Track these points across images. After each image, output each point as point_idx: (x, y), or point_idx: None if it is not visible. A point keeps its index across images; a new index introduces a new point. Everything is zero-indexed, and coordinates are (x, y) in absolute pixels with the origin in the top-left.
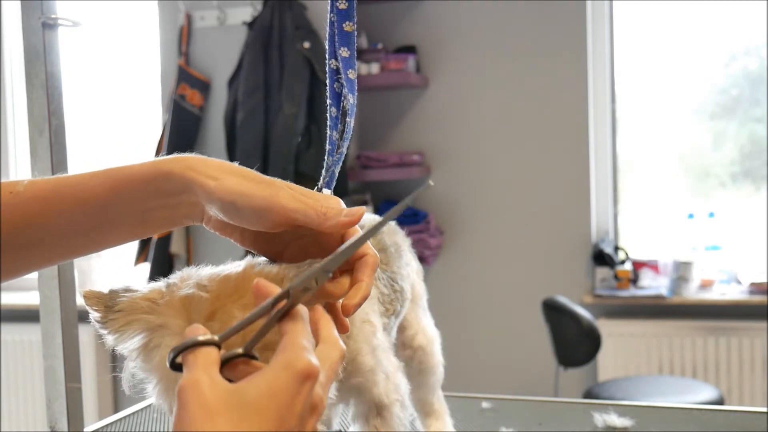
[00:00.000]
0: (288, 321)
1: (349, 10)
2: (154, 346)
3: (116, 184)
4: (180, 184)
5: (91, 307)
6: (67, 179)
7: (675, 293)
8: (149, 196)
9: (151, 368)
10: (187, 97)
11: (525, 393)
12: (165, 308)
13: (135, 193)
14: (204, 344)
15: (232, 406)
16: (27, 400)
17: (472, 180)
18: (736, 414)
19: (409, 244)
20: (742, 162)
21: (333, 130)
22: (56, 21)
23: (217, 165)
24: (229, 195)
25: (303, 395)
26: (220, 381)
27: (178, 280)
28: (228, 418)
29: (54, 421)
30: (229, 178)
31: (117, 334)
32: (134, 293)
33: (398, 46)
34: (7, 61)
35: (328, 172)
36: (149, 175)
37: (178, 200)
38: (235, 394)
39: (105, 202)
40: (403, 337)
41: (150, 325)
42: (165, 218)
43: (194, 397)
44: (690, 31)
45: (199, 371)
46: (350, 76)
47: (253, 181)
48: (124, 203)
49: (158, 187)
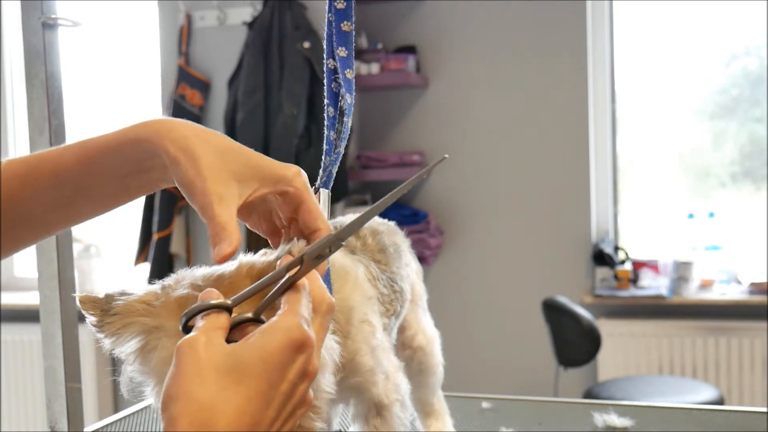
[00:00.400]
0: (291, 291)
1: (347, 9)
2: (151, 348)
3: (88, 155)
4: (148, 149)
5: (87, 311)
6: (41, 156)
7: (675, 293)
8: (121, 164)
9: (148, 370)
10: (187, 97)
11: (525, 393)
12: (161, 310)
13: (107, 163)
14: (216, 308)
15: (224, 368)
16: (27, 400)
17: (472, 180)
18: (736, 414)
19: (409, 245)
20: (742, 162)
21: (330, 129)
22: (56, 21)
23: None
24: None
25: (297, 363)
26: (218, 342)
27: (173, 281)
28: (217, 379)
29: (54, 421)
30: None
31: (114, 338)
32: (130, 296)
33: (398, 46)
34: (7, 61)
35: (326, 172)
36: (118, 143)
37: (151, 163)
38: (229, 356)
39: (79, 174)
40: (402, 338)
41: (146, 328)
42: (142, 183)
43: (189, 356)
44: (690, 31)
45: (200, 333)
46: (348, 76)
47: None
48: (97, 174)
49: (128, 154)
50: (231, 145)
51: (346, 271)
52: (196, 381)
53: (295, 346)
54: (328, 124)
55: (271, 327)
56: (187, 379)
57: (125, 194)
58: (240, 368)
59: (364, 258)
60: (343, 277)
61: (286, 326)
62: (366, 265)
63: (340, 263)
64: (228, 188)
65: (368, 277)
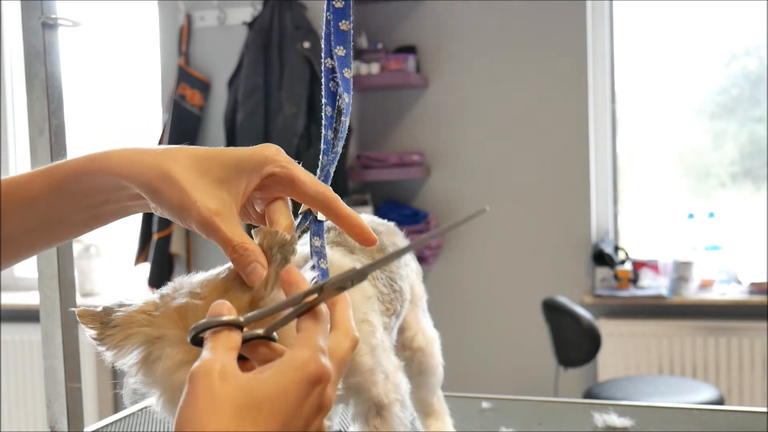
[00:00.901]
0: (308, 316)
1: (345, 8)
2: (155, 359)
3: (57, 182)
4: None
5: (86, 325)
6: (15, 180)
7: (675, 293)
8: (89, 194)
9: (153, 381)
10: (187, 97)
11: (525, 393)
12: (161, 320)
13: (75, 192)
14: (227, 325)
15: (239, 402)
16: (27, 400)
17: (472, 180)
18: (736, 414)
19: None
20: (742, 162)
21: (328, 129)
22: (56, 21)
23: (149, 159)
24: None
25: (312, 398)
26: (232, 371)
27: (171, 290)
28: (232, 414)
29: (54, 421)
30: (166, 174)
31: (115, 350)
32: (129, 307)
33: (398, 46)
34: (7, 61)
35: (323, 172)
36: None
37: (118, 195)
38: (244, 390)
39: (49, 200)
40: (402, 339)
41: (148, 338)
42: (113, 211)
43: (203, 386)
44: (690, 31)
45: (215, 358)
46: (346, 75)
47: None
48: (67, 201)
49: (95, 185)
50: (199, 153)
51: (343, 268)
52: (209, 415)
53: (313, 380)
54: (326, 124)
55: (287, 361)
56: (201, 412)
57: (98, 221)
58: (256, 405)
59: (364, 257)
60: None
61: (302, 360)
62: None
63: (338, 263)
64: (221, 200)
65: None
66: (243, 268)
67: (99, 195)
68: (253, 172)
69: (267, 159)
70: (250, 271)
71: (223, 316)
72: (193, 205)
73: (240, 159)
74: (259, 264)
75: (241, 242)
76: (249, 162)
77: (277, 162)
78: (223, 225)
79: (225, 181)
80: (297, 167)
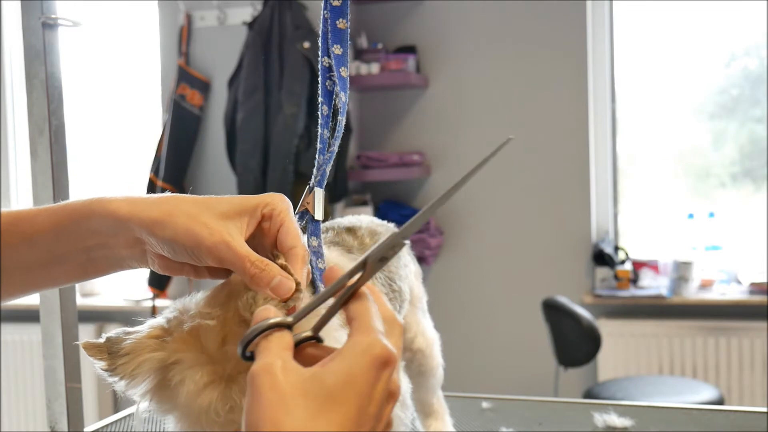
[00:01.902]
0: (355, 302)
1: (342, 7)
2: (177, 383)
3: (58, 221)
4: (113, 224)
5: (94, 357)
6: (20, 214)
7: (675, 293)
8: (88, 235)
9: (173, 406)
10: (187, 97)
11: (525, 393)
12: (175, 344)
13: (73, 232)
14: (277, 326)
15: (310, 394)
16: (27, 400)
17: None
18: (736, 414)
19: (408, 246)
20: (742, 162)
21: (324, 128)
22: (56, 21)
23: (152, 204)
24: (147, 220)
25: (383, 382)
26: (295, 366)
27: (177, 313)
28: (305, 407)
29: (54, 421)
30: (172, 209)
31: (129, 379)
32: (137, 334)
33: (398, 46)
34: (7, 61)
35: (320, 171)
36: (85, 213)
37: (115, 241)
38: (312, 381)
39: (49, 239)
40: (402, 340)
41: (162, 363)
42: (108, 258)
43: (268, 382)
44: (690, 31)
45: (272, 356)
46: (342, 74)
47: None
48: (66, 241)
49: (94, 226)
50: (204, 197)
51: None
52: (282, 409)
53: (380, 363)
54: (322, 123)
55: (351, 347)
56: (271, 408)
57: (92, 267)
58: (327, 394)
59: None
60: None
61: (366, 344)
62: None
63: (336, 263)
64: (228, 229)
65: None
66: (267, 283)
67: (96, 237)
68: (254, 211)
69: (270, 200)
70: (276, 284)
71: (270, 318)
72: (205, 228)
73: (243, 200)
74: (284, 277)
75: (259, 258)
76: (251, 202)
77: (278, 205)
78: (238, 246)
79: (230, 218)
80: (292, 217)
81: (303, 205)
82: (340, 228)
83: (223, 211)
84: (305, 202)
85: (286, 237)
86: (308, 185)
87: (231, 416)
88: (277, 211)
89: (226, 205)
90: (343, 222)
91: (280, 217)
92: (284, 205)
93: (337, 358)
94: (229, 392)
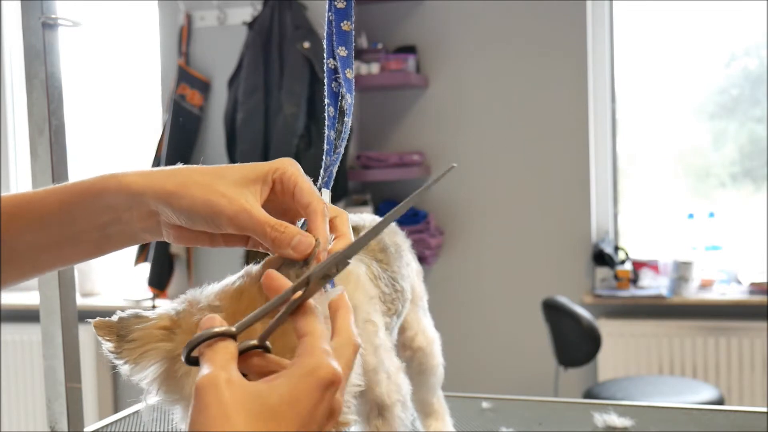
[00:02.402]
0: (303, 318)
1: (347, 9)
2: (183, 374)
3: (69, 200)
4: (128, 198)
5: (103, 337)
6: (29, 196)
7: (675, 293)
8: (101, 211)
9: (180, 397)
10: (187, 97)
11: (525, 393)
12: (183, 336)
13: (86, 210)
14: (220, 336)
15: (253, 411)
16: (27, 400)
17: (472, 180)
18: (736, 414)
19: (410, 245)
20: (742, 162)
21: (331, 129)
22: (56, 21)
23: (163, 177)
24: (163, 191)
25: (325, 402)
26: (239, 380)
27: (187, 304)
28: (246, 422)
29: (54, 421)
30: (186, 180)
31: (133, 365)
32: (146, 322)
33: (398, 46)
34: (7, 61)
35: (327, 172)
36: (99, 189)
37: (129, 215)
38: (256, 398)
39: (61, 219)
40: (403, 339)
41: (169, 354)
42: (122, 233)
43: (213, 396)
44: (690, 31)
45: (217, 368)
46: (348, 76)
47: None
48: (79, 220)
49: (108, 201)
50: (216, 167)
51: (347, 270)
52: (224, 424)
53: (324, 384)
54: (329, 124)
55: (297, 368)
56: (214, 422)
57: (108, 243)
58: (269, 412)
59: (366, 257)
60: (345, 277)
61: (312, 366)
62: (367, 264)
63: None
64: (245, 196)
65: (370, 276)
66: (288, 243)
67: (111, 213)
68: (267, 177)
69: (280, 164)
70: (296, 243)
71: (214, 327)
72: (223, 197)
73: (254, 167)
74: (303, 236)
75: (279, 222)
76: (262, 168)
77: (288, 168)
78: (255, 211)
79: (244, 185)
80: (304, 177)
81: None
82: None
83: (237, 179)
84: None
85: (301, 195)
86: (315, 186)
87: None
88: (288, 174)
89: (238, 174)
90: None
91: (292, 180)
92: (294, 168)
93: (283, 377)
94: None
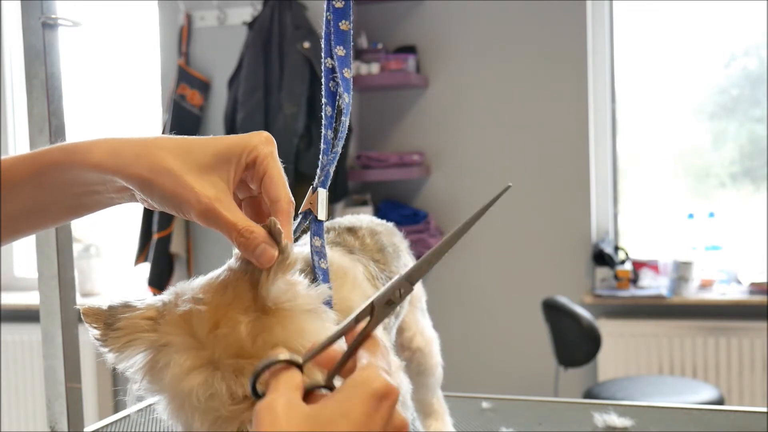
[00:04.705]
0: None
1: (345, 8)
2: (163, 365)
3: (38, 170)
4: (96, 175)
5: (90, 324)
6: (2, 163)
7: (675, 293)
8: (72, 184)
9: (161, 388)
10: (187, 97)
11: (525, 393)
12: (166, 327)
13: (56, 182)
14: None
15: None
16: (27, 400)
17: (472, 180)
18: (736, 414)
19: (408, 246)
20: (742, 162)
21: (328, 128)
22: (56, 21)
23: (135, 149)
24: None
25: (381, 414)
26: (297, 403)
27: (173, 296)
28: None
29: (54, 421)
30: (157, 165)
31: (117, 353)
32: (133, 311)
33: (398, 46)
34: (7, 61)
35: (323, 171)
36: (66, 163)
37: (103, 187)
38: (310, 417)
39: (33, 188)
40: (401, 339)
41: (153, 345)
42: (98, 201)
43: (268, 419)
44: (690, 31)
45: (279, 394)
46: (346, 75)
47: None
48: (49, 189)
49: (77, 175)
50: (187, 142)
51: (344, 270)
52: None
53: (378, 395)
54: (326, 123)
55: (350, 381)
56: None
57: (82, 209)
58: (321, 423)
59: (363, 257)
60: (341, 277)
61: (364, 377)
62: (365, 264)
63: (338, 263)
64: (216, 186)
65: (367, 276)
66: (252, 251)
67: (82, 186)
68: (238, 160)
69: (249, 144)
70: (259, 253)
71: (279, 355)
72: (191, 193)
73: (227, 146)
74: (267, 245)
75: (246, 226)
76: (234, 149)
77: (259, 150)
78: (224, 210)
79: (215, 169)
80: (275, 163)
81: (306, 205)
82: (341, 228)
83: (207, 162)
84: (308, 202)
85: (269, 188)
86: (311, 185)
87: (211, 404)
88: (260, 158)
89: (211, 150)
90: (344, 222)
91: (263, 166)
92: (268, 149)
93: (336, 392)
94: (211, 379)
